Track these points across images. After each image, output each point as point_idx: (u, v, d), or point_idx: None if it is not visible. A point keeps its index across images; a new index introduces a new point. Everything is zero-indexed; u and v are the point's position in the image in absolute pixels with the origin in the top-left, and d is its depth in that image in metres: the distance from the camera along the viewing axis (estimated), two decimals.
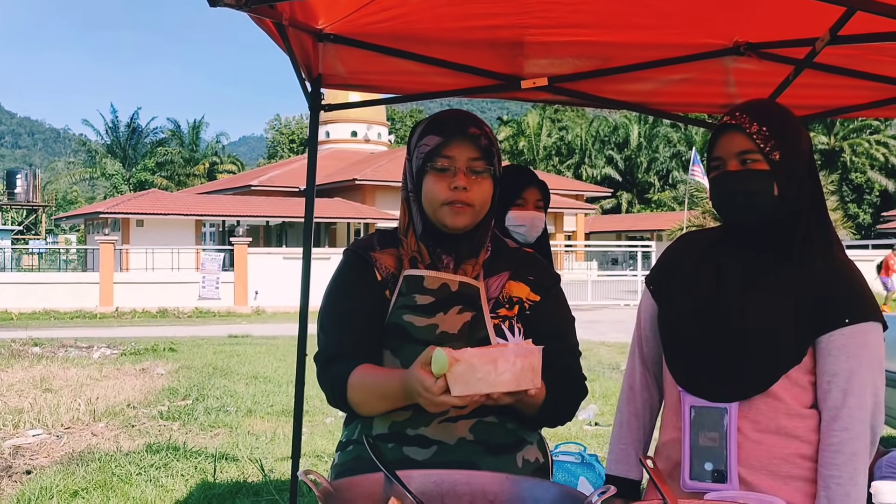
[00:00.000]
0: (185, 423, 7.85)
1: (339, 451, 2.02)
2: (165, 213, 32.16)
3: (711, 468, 1.95)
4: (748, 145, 1.95)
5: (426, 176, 1.91)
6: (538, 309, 1.99)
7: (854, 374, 1.90)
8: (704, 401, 1.97)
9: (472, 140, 1.90)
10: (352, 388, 1.87)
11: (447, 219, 1.90)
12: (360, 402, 1.89)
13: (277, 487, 5.48)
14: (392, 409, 1.87)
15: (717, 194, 2.02)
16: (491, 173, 1.93)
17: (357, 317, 1.95)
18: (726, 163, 1.97)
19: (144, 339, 15.80)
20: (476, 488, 1.71)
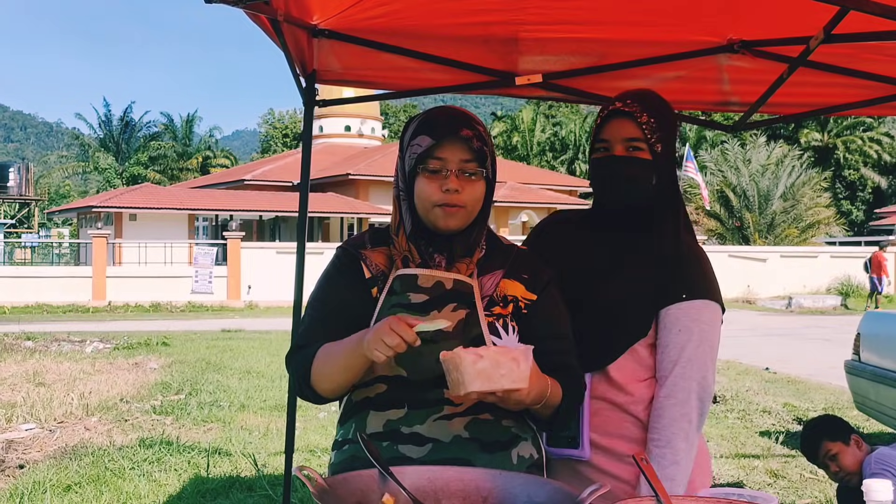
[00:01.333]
0: (179, 418, 7.85)
1: (336, 451, 2.03)
2: (158, 207, 32.05)
3: (566, 433, 2.12)
4: (636, 133, 2.10)
5: (418, 177, 1.91)
6: (535, 308, 2.00)
7: (684, 346, 2.08)
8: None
9: (465, 142, 1.89)
10: (314, 364, 1.89)
11: (439, 221, 1.90)
12: (318, 375, 1.89)
13: (271, 482, 5.49)
14: (346, 374, 1.86)
15: (600, 176, 2.16)
16: (483, 175, 1.93)
17: (335, 311, 1.97)
18: (613, 146, 2.12)
19: (137, 333, 15.78)
20: (469, 485, 1.72)
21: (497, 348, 1.64)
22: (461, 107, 2.02)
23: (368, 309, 1.94)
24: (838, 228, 38.30)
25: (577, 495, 1.53)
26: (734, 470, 6.28)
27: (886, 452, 4.18)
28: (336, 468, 1.99)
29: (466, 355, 1.61)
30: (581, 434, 2.12)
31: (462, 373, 1.61)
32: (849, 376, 7.16)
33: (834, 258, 29.94)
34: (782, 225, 32.06)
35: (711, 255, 2.24)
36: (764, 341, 15.67)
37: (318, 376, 1.89)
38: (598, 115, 2.16)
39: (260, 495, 5.24)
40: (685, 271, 2.13)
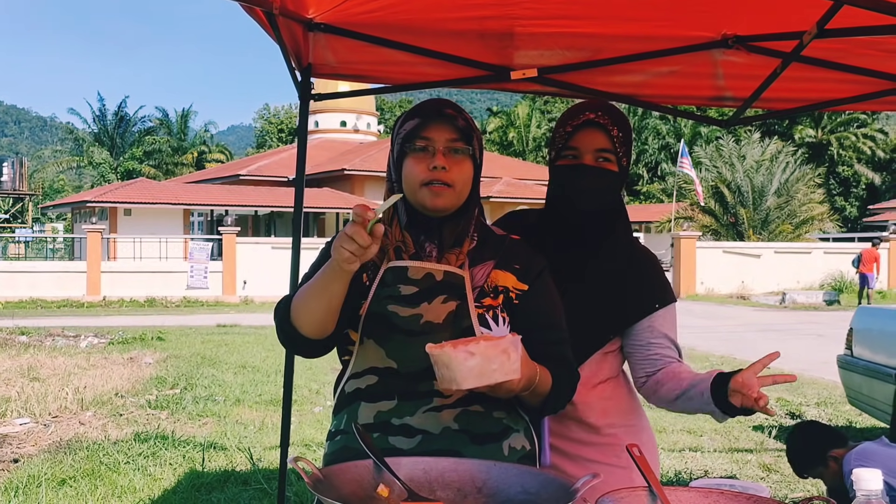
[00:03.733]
0: (174, 413, 7.85)
1: (329, 441, 2.04)
2: (153, 202, 32.01)
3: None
4: (607, 145, 2.14)
5: (406, 158, 1.94)
6: (527, 298, 2.00)
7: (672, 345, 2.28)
8: None
9: (450, 120, 1.92)
10: (293, 300, 1.90)
11: (427, 200, 1.91)
12: (298, 309, 1.89)
13: (266, 476, 5.50)
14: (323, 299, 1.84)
15: (564, 183, 2.18)
16: (470, 154, 1.95)
17: None
18: (582, 155, 2.15)
19: (132, 328, 15.77)
20: (464, 475, 1.73)
21: (486, 342, 1.63)
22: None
23: (357, 292, 1.93)
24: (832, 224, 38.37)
25: (571, 485, 1.55)
26: (727, 464, 6.31)
27: (868, 448, 4.17)
28: (329, 458, 2.01)
29: (457, 354, 1.60)
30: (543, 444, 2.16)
31: (454, 371, 1.61)
32: (841, 371, 7.19)
33: (828, 254, 30.01)
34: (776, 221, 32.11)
35: (706, 250, 2.35)
36: (758, 337, 15.72)
37: (298, 311, 1.89)
38: (567, 123, 2.18)
39: (255, 489, 5.25)
40: (650, 280, 2.28)
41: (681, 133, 50.70)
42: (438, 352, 1.63)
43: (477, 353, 1.60)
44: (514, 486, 1.68)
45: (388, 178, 2.03)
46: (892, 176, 51.93)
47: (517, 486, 1.67)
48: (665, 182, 51.06)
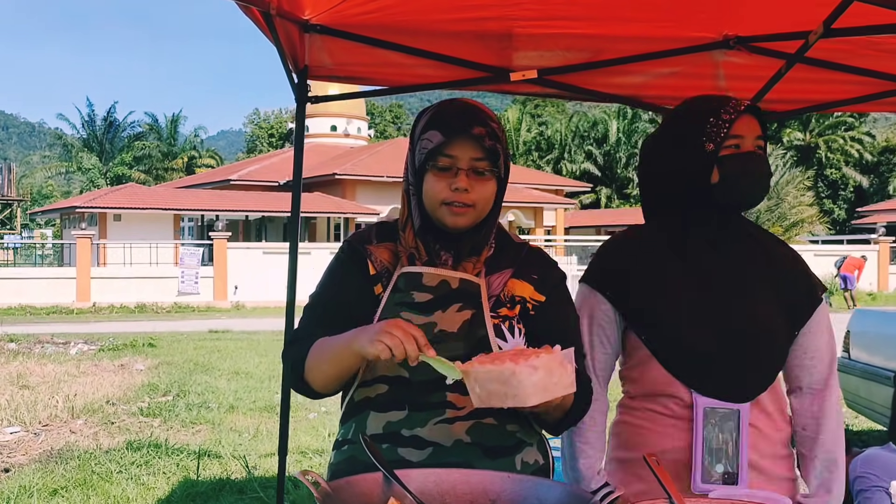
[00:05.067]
0: (167, 420, 7.77)
1: (335, 450, 1.99)
2: (143, 207, 31.82)
3: (722, 470, 1.95)
4: (760, 132, 2.01)
5: (427, 173, 1.87)
6: (544, 310, 1.95)
7: (829, 344, 2.08)
8: (719, 402, 1.96)
9: (476, 140, 1.84)
10: (308, 357, 1.86)
11: (446, 219, 1.86)
12: (311, 368, 1.86)
13: (262, 484, 5.43)
14: (336, 368, 1.82)
15: (734, 173, 1.98)
16: (495, 174, 1.88)
17: (334, 307, 1.92)
18: (745, 143, 1.99)
19: (123, 334, 15.66)
20: (476, 487, 1.67)
21: (547, 354, 1.55)
22: (474, 100, 1.96)
23: (371, 306, 1.90)
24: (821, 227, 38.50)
25: (590, 498, 1.50)
26: None
27: (874, 454, 4.08)
28: (335, 468, 1.95)
29: (522, 369, 1.52)
30: (739, 469, 1.96)
31: (517, 387, 1.53)
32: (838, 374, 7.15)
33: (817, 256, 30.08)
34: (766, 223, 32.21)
35: None
36: None
37: (311, 369, 1.86)
38: (721, 111, 1.98)
39: (251, 498, 5.18)
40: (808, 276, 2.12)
41: None
42: (495, 368, 1.53)
43: (540, 366, 1.53)
44: (529, 498, 1.63)
45: (405, 179, 1.97)
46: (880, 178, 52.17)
47: (533, 499, 1.62)
48: None
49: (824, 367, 2.05)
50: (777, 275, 2.05)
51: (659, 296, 2.03)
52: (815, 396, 2.05)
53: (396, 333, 1.64)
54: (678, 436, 1.98)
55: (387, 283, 1.91)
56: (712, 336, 1.98)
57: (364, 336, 1.69)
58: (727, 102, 2.01)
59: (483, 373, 1.55)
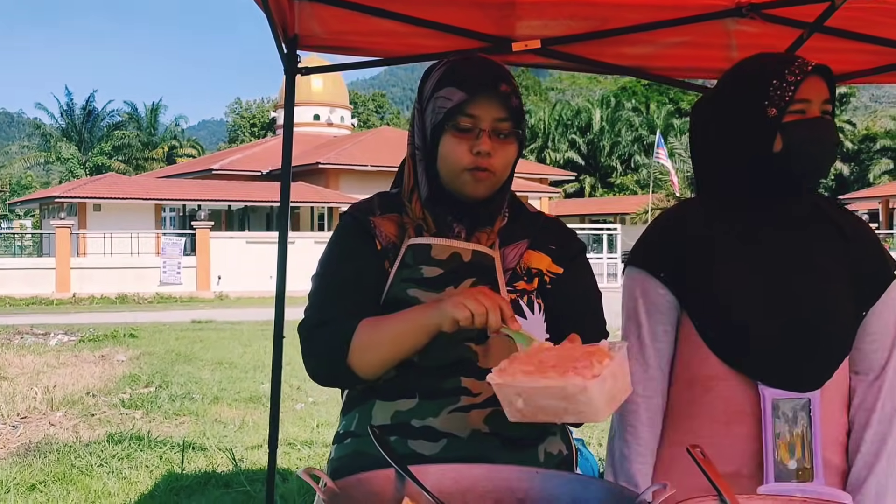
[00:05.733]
0: (149, 412, 7.55)
1: (336, 444, 1.79)
2: (123, 197, 31.42)
3: (796, 466, 1.77)
4: (828, 95, 1.80)
5: (444, 135, 1.66)
6: (561, 283, 1.77)
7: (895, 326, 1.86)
8: (787, 392, 1.76)
9: (502, 99, 1.64)
10: (357, 337, 1.61)
11: (467, 187, 1.67)
12: (363, 348, 1.60)
13: (249, 477, 5.23)
14: (400, 350, 1.60)
15: (800, 141, 1.77)
16: (517, 137, 1.69)
17: (355, 286, 1.70)
18: (811, 108, 1.78)
19: (103, 325, 15.39)
20: (501, 485, 1.48)
21: (609, 358, 1.35)
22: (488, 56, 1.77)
23: (382, 285, 1.71)
24: None
25: (637, 496, 1.31)
26: None
27: None
28: (337, 464, 1.75)
29: (594, 385, 1.30)
30: (814, 464, 1.78)
31: (588, 404, 1.32)
32: None
33: None
34: None
35: None
36: None
37: (363, 352, 1.61)
38: (785, 72, 1.77)
39: (238, 492, 4.98)
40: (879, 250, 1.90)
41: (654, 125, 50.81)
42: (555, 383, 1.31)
43: (607, 375, 1.32)
44: (562, 497, 1.44)
45: (409, 143, 1.77)
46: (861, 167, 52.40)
47: (567, 497, 1.43)
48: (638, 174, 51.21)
49: (885, 351, 1.85)
50: (848, 251, 1.85)
51: (719, 277, 1.81)
52: (870, 383, 1.85)
53: (484, 301, 1.48)
54: (740, 431, 1.79)
55: (394, 259, 1.72)
56: (780, 320, 1.78)
57: (445, 304, 1.51)
58: (792, 62, 1.79)
59: (536, 389, 1.34)
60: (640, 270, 1.88)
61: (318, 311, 1.70)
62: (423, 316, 1.55)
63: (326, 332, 1.65)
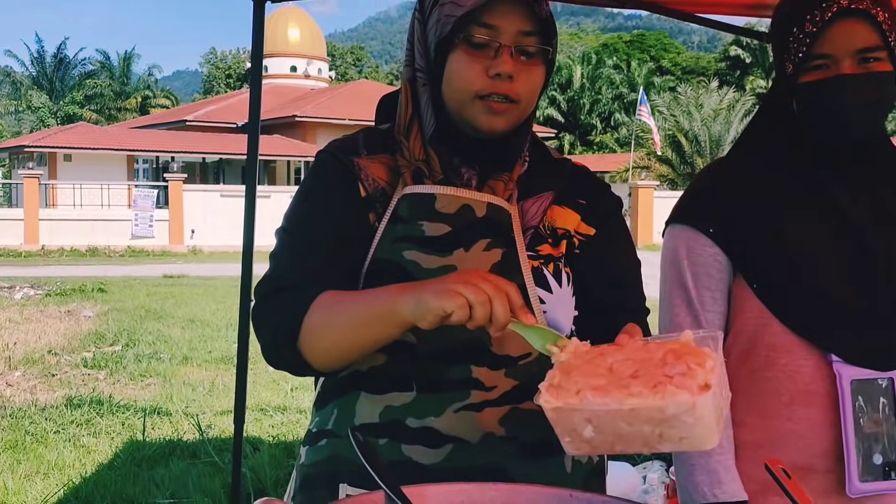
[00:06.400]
0: (113, 372, 7.16)
1: (308, 447, 1.41)
2: (95, 147, 30.70)
3: (882, 461, 1.48)
4: (873, 39, 1.45)
5: (454, 51, 1.27)
6: (594, 248, 1.40)
7: None
8: (867, 371, 1.48)
9: (528, 6, 1.26)
10: (310, 316, 1.22)
11: (480, 119, 1.28)
12: (316, 332, 1.21)
13: (217, 447, 4.87)
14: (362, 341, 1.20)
15: (820, 103, 1.49)
16: (546, 57, 1.31)
17: (326, 239, 1.32)
18: (839, 63, 1.46)
19: (72, 278, 14.93)
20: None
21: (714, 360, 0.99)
22: None
23: (365, 243, 1.33)
24: None
25: None
26: None
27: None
28: (309, 472, 1.39)
29: (705, 398, 0.94)
30: None
31: (695, 427, 0.96)
32: None
33: None
34: None
35: (663, 200, 1.59)
36: None
37: (316, 336, 1.22)
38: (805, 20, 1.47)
39: (205, 463, 4.62)
40: None
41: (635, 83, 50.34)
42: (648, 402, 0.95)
43: (714, 383, 0.96)
44: None
45: (407, 64, 1.38)
46: None
47: None
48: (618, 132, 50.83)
49: None
50: None
51: (784, 232, 1.54)
52: None
53: (483, 286, 1.08)
54: (809, 414, 1.49)
55: (383, 210, 1.34)
56: (858, 284, 1.49)
57: (426, 289, 1.11)
58: (819, 3, 1.45)
59: (618, 412, 0.97)
60: (685, 227, 1.59)
61: (278, 275, 1.31)
62: (393, 301, 1.14)
63: (281, 303, 1.26)
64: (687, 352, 0.99)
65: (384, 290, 1.18)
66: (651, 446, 0.99)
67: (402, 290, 1.14)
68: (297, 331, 1.22)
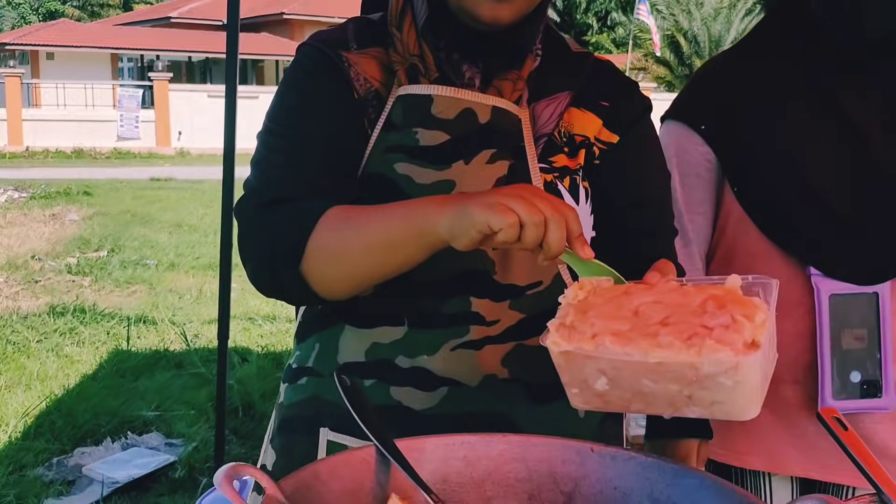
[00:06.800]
0: (98, 279, 6.99)
1: (288, 384, 1.24)
2: (78, 45, 29.88)
3: (860, 379, 1.44)
4: None
5: None
6: (616, 158, 1.21)
7: None
8: (847, 285, 1.43)
9: None
10: (319, 233, 1.03)
11: (482, 7, 1.07)
12: (327, 251, 1.03)
13: (203, 357, 4.75)
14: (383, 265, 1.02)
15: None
16: None
17: (322, 145, 1.12)
18: None
19: (57, 181, 14.61)
20: (537, 468, 0.97)
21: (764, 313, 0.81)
22: None
23: (360, 150, 1.13)
24: None
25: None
26: None
27: None
28: (289, 413, 1.22)
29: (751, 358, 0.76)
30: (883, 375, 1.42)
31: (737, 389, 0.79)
32: None
33: None
34: None
35: (659, 103, 1.49)
36: None
37: (325, 257, 1.04)
38: None
39: (191, 374, 4.51)
40: None
41: None
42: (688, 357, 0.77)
43: (763, 342, 0.78)
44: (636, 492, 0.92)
45: None
46: None
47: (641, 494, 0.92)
48: (615, 32, 49.76)
49: None
50: None
51: (773, 134, 1.47)
52: None
53: (540, 204, 0.90)
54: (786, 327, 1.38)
55: (376, 116, 1.13)
56: (843, 191, 1.43)
57: (472, 201, 0.92)
58: None
59: (641, 366, 0.80)
60: (678, 123, 1.53)
61: (266, 186, 1.12)
62: (426, 215, 0.96)
63: (277, 220, 1.07)
64: (732, 300, 0.82)
65: (413, 203, 1.00)
66: (676, 408, 0.83)
67: (440, 202, 0.96)
68: (301, 253, 1.03)
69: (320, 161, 1.11)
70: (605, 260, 1.22)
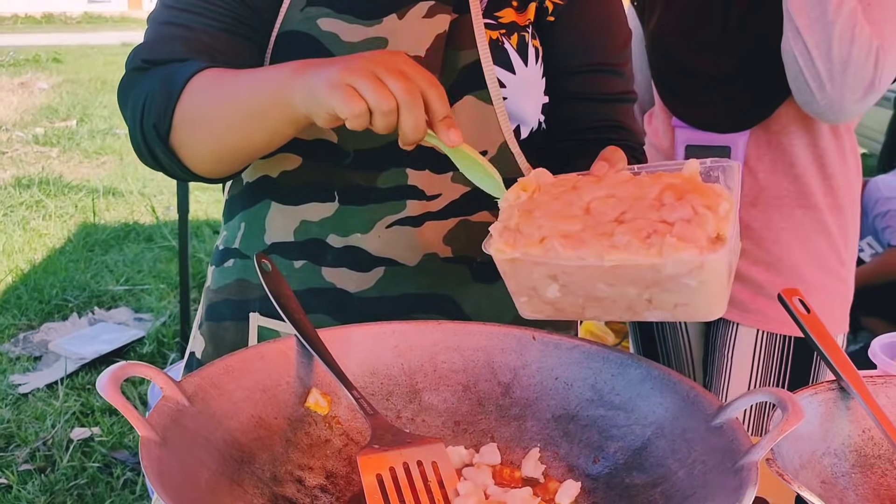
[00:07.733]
0: (66, 150, 6.81)
1: (216, 267, 1.15)
2: None
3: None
4: None
5: None
6: (569, 14, 1.08)
7: None
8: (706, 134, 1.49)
9: None
10: (187, 97, 0.91)
11: None
12: (193, 120, 0.92)
13: (173, 230, 4.63)
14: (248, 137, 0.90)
15: None
16: None
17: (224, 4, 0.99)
18: None
19: (25, 48, 14.14)
20: (473, 358, 0.89)
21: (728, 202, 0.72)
22: None
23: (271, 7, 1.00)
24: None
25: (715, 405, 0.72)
26: None
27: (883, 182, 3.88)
28: (215, 298, 1.13)
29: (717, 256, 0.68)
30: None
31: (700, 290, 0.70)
32: None
33: None
34: None
35: None
36: None
37: (191, 124, 0.92)
38: None
39: (160, 247, 4.42)
40: None
41: None
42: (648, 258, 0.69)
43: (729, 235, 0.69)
44: (578, 380, 0.85)
45: None
46: None
47: (584, 384, 0.85)
48: None
49: None
50: None
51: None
52: None
53: (393, 84, 0.78)
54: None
55: None
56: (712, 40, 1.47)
57: (321, 73, 0.80)
58: None
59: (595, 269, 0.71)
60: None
61: (152, 43, 1.00)
62: (282, 84, 0.83)
63: (148, 81, 0.95)
64: (692, 189, 0.72)
65: (279, 67, 0.86)
66: (636, 313, 0.74)
67: (297, 70, 0.82)
68: (169, 119, 0.92)
69: (219, 14, 0.98)
70: (557, 128, 1.11)
